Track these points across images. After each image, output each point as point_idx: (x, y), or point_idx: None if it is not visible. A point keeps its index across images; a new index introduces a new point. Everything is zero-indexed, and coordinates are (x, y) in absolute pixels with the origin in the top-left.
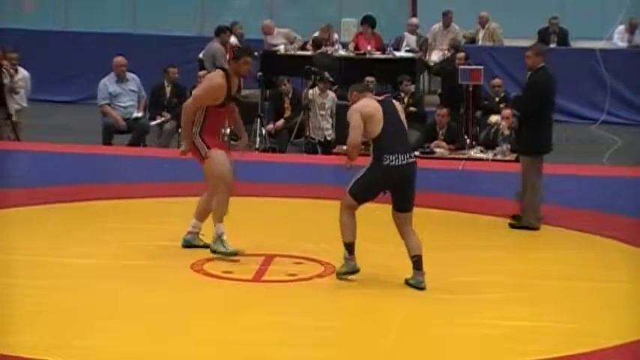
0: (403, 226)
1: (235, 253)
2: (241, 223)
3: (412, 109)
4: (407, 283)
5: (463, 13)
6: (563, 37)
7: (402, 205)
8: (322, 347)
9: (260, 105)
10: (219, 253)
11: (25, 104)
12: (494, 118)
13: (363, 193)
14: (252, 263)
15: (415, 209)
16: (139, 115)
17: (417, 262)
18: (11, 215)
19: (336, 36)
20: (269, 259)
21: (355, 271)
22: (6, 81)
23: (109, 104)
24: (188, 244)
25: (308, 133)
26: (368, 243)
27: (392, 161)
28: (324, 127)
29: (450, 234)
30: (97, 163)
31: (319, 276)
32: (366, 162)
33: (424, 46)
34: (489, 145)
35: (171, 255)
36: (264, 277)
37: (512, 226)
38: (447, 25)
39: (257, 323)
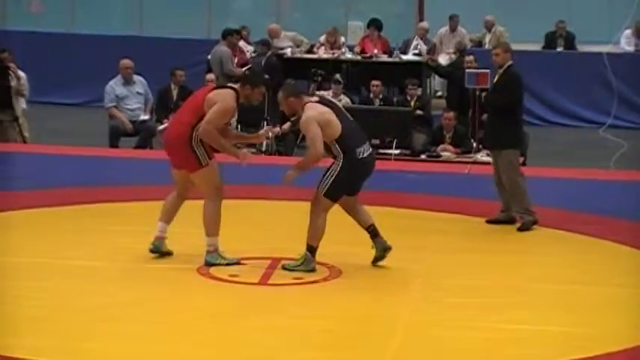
0: (353, 207)
1: (238, 262)
2: (247, 227)
3: (419, 112)
4: (376, 258)
5: (470, 16)
6: (570, 41)
7: (356, 191)
8: (327, 350)
9: (266, 108)
10: (220, 265)
11: (24, 106)
12: None
13: (340, 192)
14: (258, 267)
15: (421, 212)
16: (146, 117)
17: (373, 231)
18: (17, 217)
19: (342, 39)
20: (275, 262)
21: (313, 271)
22: (13, 83)
23: (115, 107)
24: (157, 250)
25: None
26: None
27: (362, 153)
28: None
29: (454, 237)
30: (103, 165)
31: (325, 279)
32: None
33: (432, 50)
34: None
35: (177, 258)
36: (270, 281)
37: (520, 229)
38: (453, 28)
39: (263, 326)
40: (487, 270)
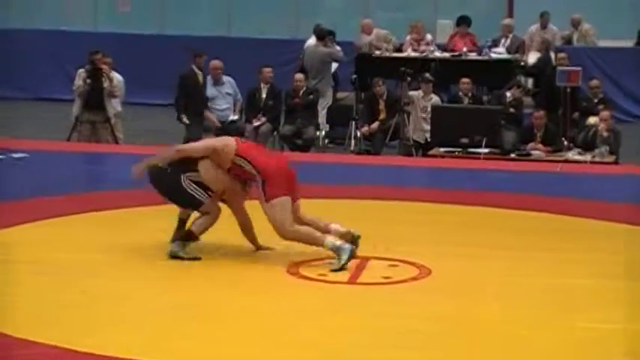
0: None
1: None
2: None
3: (511, 110)
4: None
5: (561, 13)
6: None
7: None
8: (412, 349)
9: (355, 107)
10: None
11: (119, 108)
12: (592, 120)
13: None
14: (347, 266)
15: (510, 211)
16: (235, 117)
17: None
18: (104, 217)
19: (429, 37)
20: (364, 261)
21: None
22: (105, 85)
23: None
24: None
25: (408, 134)
26: (472, 247)
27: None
28: (425, 128)
29: (546, 236)
30: None
31: (414, 279)
32: None
33: (520, 48)
34: (588, 147)
35: (267, 257)
36: (359, 280)
37: None
38: (544, 26)
39: (351, 326)
40: (579, 269)
